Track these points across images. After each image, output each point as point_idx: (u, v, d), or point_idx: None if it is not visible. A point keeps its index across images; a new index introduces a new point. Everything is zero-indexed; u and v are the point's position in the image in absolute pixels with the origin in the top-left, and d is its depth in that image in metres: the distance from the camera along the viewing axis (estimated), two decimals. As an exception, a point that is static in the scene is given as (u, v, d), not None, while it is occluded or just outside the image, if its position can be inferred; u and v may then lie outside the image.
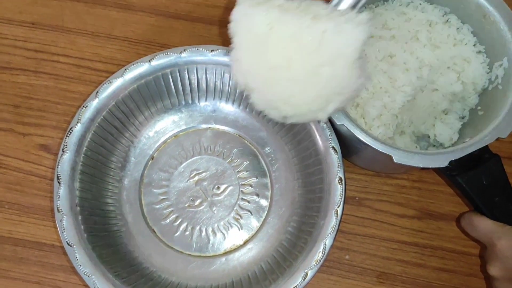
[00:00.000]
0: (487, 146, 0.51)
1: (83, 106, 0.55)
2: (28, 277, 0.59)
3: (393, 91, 0.54)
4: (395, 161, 0.49)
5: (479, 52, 0.57)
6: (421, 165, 0.49)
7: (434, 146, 0.59)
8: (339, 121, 0.51)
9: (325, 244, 0.52)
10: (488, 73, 0.57)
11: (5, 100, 0.64)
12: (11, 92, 0.64)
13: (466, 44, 0.57)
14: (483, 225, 0.53)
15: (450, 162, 0.49)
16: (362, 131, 0.50)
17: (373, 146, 0.50)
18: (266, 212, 0.60)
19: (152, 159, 0.61)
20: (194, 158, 0.61)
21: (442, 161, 0.49)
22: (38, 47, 0.66)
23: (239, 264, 0.58)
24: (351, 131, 0.50)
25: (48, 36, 0.66)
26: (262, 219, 0.60)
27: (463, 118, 0.59)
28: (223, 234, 0.59)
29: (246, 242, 0.59)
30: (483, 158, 0.51)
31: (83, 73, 0.65)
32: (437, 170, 0.52)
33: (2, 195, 0.61)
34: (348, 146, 0.55)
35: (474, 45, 0.57)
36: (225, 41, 0.66)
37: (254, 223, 0.59)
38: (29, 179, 0.62)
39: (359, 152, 0.57)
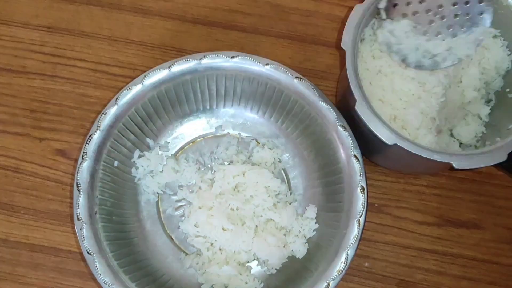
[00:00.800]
0: None
1: (103, 113, 0.55)
2: (44, 283, 0.59)
3: (425, 95, 0.53)
4: (456, 167, 0.48)
5: (495, 36, 0.56)
6: (482, 165, 0.49)
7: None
8: (390, 141, 0.49)
9: (347, 254, 0.52)
10: (509, 55, 0.56)
11: (21, 104, 0.64)
12: (27, 97, 0.64)
13: None
14: None
15: (509, 155, 0.48)
16: (418, 146, 0.49)
17: (431, 158, 0.49)
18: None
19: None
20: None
21: (501, 156, 0.49)
22: (54, 51, 0.65)
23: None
24: (407, 149, 0.49)
25: (64, 40, 0.66)
26: (281, 227, 0.59)
27: (489, 101, 0.59)
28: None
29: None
30: None
31: (99, 78, 0.65)
32: (495, 166, 0.51)
33: (18, 201, 0.61)
34: (386, 157, 0.54)
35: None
36: (243, 46, 0.66)
37: (273, 231, 0.59)
38: (46, 184, 0.61)
39: (401, 161, 0.56)
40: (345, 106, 0.56)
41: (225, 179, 0.58)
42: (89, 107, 0.64)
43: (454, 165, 0.48)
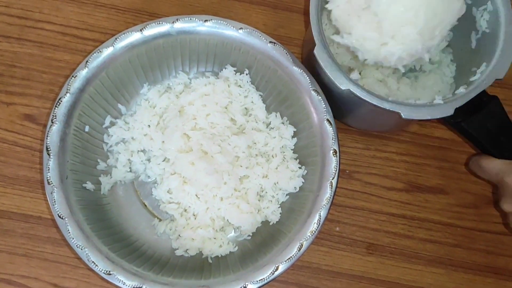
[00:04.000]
0: (484, 90, 0.51)
1: (72, 76, 0.54)
2: (14, 249, 0.58)
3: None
4: (403, 117, 0.49)
5: None
6: (428, 117, 0.50)
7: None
8: (343, 86, 0.50)
9: (320, 216, 0.53)
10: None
11: (-14, 68, 0.62)
12: (-7, 60, 0.62)
13: None
14: (492, 165, 0.55)
15: (455, 110, 0.50)
16: (369, 93, 0.50)
17: (381, 106, 0.50)
18: (258, 184, 0.60)
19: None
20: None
21: (447, 110, 0.50)
22: (21, 13, 0.63)
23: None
24: (359, 95, 0.50)
25: (31, 2, 0.64)
26: (255, 191, 0.59)
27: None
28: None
29: (239, 215, 0.59)
30: (482, 101, 0.52)
31: (69, 41, 0.63)
32: (442, 120, 0.53)
33: (-15, 166, 0.59)
34: (345, 109, 0.55)
35: None
36: (217, 12, 0.65)
37: (247, 195, 0.59)
38: (14, 150, 0.60)
39: (358, 113, 0.57)
40: (308, 69, 0.57)
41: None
42: (58, 71, 0.62)
43: (402, 114, 0.50)
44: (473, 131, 0.53)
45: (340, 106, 0.57)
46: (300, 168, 0.58)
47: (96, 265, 0.50)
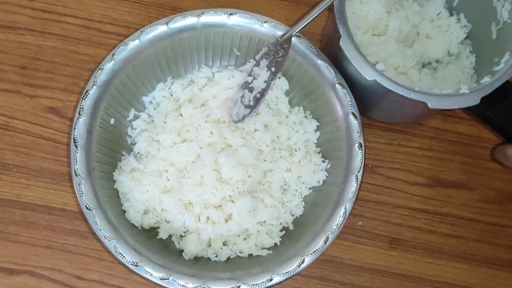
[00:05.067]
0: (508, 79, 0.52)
1: (99, 69, 0.54)
2: (38, 241, 0.58)
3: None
4: (430, 107, 0.49)
5: None
6: (455, 107, 0.50)
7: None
8: (370, 77, 0.50)
9: (346, 209, 0.53)
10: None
11: (11, 61, 0.62)
12: (17, 53, 0.62)
13: None
14: None
15: (482, 99, 0.50)
16: (395, 84, 0.50)
17: (408, 96, 0.50)
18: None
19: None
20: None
21: (474, 99, 0.50)
22: (45, 6, 0.64)
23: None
24: (385, 86, 0.50)
25: (55, -5, 0.64)
26: (279, 185, 0.59)
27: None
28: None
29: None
30: (506, 90, 0.52)
31: (92, 35, 0.63)
32: (467, 110, 0.53)
33: (9, 158, 0.60)
34: (368, 101, 0.56)
35: None
36: (239, 6, 0.65)
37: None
38: (38, 142, 0.60)
39: (382, 105, 0.58)
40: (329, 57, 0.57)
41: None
42: (81, 64, 0.63)
43: (429, 104, 0.50)
44: (498, 120, 0.53)
45: (364, 98, 0.57)
46: (323, 161, 0.58)
47: (124, 256, 0.50)
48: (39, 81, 0.62)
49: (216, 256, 0.55)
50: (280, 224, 0.57)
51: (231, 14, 0.56)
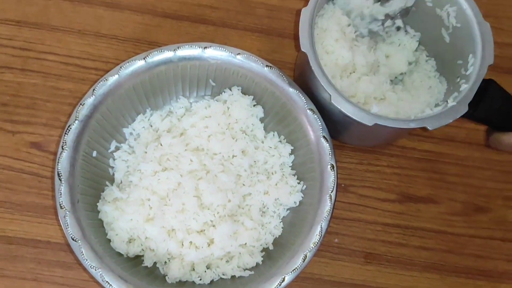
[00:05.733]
0: None
1: (80, 104, 0.56)
2: (24, 274, 0.59)
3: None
4: (430, 129, 0.53)
5: None
6: (451, 120, 0.54)
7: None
8: (371, 123, 0.53)
9: (321, 227, 0.56)
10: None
11: (-9, 98, 0.64)
12: (-2, 91, 0.64)
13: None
14: (511, 139, 0.59)
15: (469, 104, 0.54)
16: (396, 120, 0.54)
17: (408, 127, 0.54)
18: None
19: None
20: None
21: (463, 108, 0.54)
22: (24, 45, 0.66)
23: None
24: (388, 125, 0.53)
25: (33, 34, 0.66)
26: (257, 207, 0.62)
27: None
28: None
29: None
30: (482, 88, 0.56)
31: (71, 71, 0.66)
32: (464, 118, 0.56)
33: (-8, 194, 0.61)
34: (339, 128, 0.59)
35: None
36: (213, 39, 0.69)
37: (249, 211, 0.62)
38: (21, 177, 0.62)
39: (354, 132, 0.61)
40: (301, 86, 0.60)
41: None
42: (62, 99, 0.65)
43: (428, 127, 0.54)
44: (485, 116, 0.57)
45: (336, 127, 0.60)
46: (299, 183, 0.61)
47: (110, 284, 0.52)
48: (21, 117, 0.63)
49: (200, 279, 0.57)
50: (261, 245, 0.60)
51: (205, 47, 0.60)
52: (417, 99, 0.62)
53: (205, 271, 0.58)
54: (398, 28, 0.66)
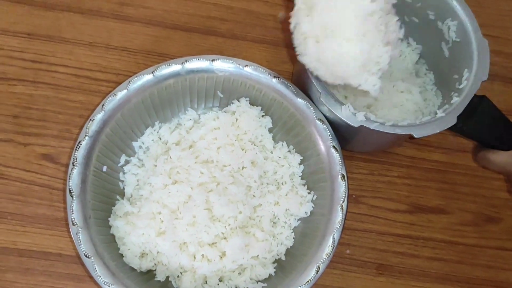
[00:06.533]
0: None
1: (90, 119, 0.56)
2: (36, 287, 0.59)
3: None
4: (416, 136, 0.54)
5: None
6: (437, 130, 0.54)
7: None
8: (357, 124, 0.54)
9: (334, 238, 0.56)
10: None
11: (3, 110, 0.64)
12: (9, 103, 0.64)
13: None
14: (499, 159, 0.59)
15: (458, 117, 0.54)
16: (381, 124, 0.54)
17: (394, 132, 0.54)
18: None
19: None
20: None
21: (451, 120, 0.54)
22: (35, 57, 0.66)
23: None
24: (372, 128, 0.54)
25: (45, 46, 0.67)
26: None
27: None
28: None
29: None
30: (474, 102, 0.56)
31: (82, 83, 0.66)
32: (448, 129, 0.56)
33: (4, 206, 0.61)
34: (348, 137, 0.60)
35: None
36: (222, 51, 0.69)
37: (260, 222, 0.62)
38: (32, 189, 0.62)
39: (360, 139, 0.62)
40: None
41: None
42: (73, 111, 0.65)
43: (414, 135, 0.54)
44: (474, 132, 0.57)
45: (341, 134, 0.61)
46: (309, 193, 0.61)
47: (124, 300, 0.51)
48: (32, 129, 0.64)
49: None
50: (273, 256, 0.59)
51: (213, 60, 0.60)
52: (410, 110, 0.63)
53: (218, 284, 0.57)
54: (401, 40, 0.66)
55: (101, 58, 0.67)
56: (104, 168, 0.58)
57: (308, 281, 0.54)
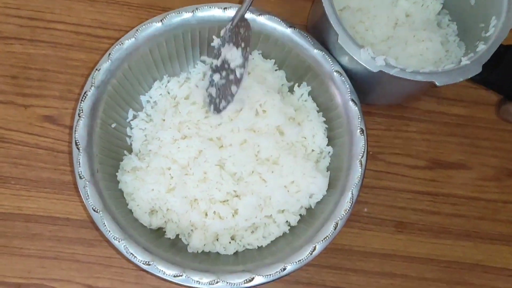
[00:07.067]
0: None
1: (96, 69, 0.53)
2: (44, 253, 0.57)
3: None
4: (438, 84, 0.50)
5: None
6: (461, 79, 0.51)
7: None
8: (375, 69, 0.51)
9: (352, 194, 0.53)
10: None
11: (1, 71, 0.61)
12: (7, 63, 0.61)
13: None
14: None
15: (483, 66, 0.51)
16: (402, 70, 0.51)
17: (415, 79, 0.51)
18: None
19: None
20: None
21: (476, 68, 0.51)
22: (32, 14, 0.62)
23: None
24: (392, 74, 0.51)
25: (42, 2, 0.63)
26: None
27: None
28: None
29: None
30: (500, 52, 0.53)
31: (83, 40, 0.63)
32: (471, 79, 0.53)
33: (7, 171, 0.58)
34: (366, 87, 0.57)
35: None
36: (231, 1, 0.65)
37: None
38: (35, 152, 0.59)
39: (380, 89, 0.59)
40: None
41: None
42: (74, 70, 0.62)
43: (436, 82, 0.51)
44: (499, 82, 0.55)
45: (360, 85, 0.58)
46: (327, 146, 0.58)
47: (135, 256, 0.49)
48: (32, 90, 0.61)
49: (225, 250, 0.55)
50: (292, 212, 0.57)
51: (225, 8, 0.56)
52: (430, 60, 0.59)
53: (229, 242, 0.55)
54: None
55: (102, 14, 0.63)
56: (111, 122, 0.56)
57: (326, 237, 0.52)
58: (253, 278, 0.51)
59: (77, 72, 0.62)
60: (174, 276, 0.50)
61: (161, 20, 0.55)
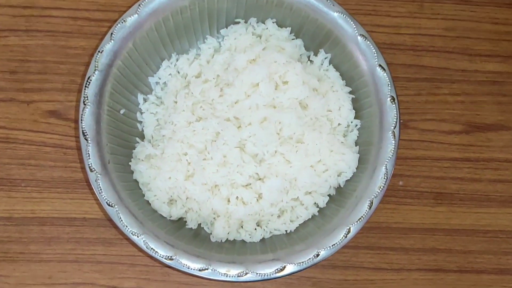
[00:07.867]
0: None
1: (99, 51, 0.49)
2: (63, 256, 0.54)
3: None
4: None
5: None
6: None
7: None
8: None
9: (387, 169, 0.49)
10: None
11: (-2, 67, 0.57)
12: (3, 57, 0.57)
13: None
14: None
15: None
16: None
17: None
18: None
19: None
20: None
21: None
22: (25, 2, 0.58)
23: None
24: None
25: (33, -12, 0.58)
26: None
27: None
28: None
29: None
30: None
31: (81, 26, 0.58)
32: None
33: (16, 173, 0.55)
34: None
35: None
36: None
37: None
38: (43, 151, 0.56)
39: None
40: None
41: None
42: (75, 59, 0.58)
43: None
44: None
45: None
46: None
47: (156, 251, 0.46)
48: (33, 84, 0.57)
49: (250, 237, 0.52)
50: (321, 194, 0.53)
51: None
52: None
53: (255, 229, 0.52)
54: None
55: (99, -5, 0.59)
56: (119, 107, 0.52)
57: (360, 218, 0.48)
58: (284, 267, 0.47)
59: (78, 61, 0.57)
60: (200, 270, 0.47)
61: (165, -8, 0.50)
